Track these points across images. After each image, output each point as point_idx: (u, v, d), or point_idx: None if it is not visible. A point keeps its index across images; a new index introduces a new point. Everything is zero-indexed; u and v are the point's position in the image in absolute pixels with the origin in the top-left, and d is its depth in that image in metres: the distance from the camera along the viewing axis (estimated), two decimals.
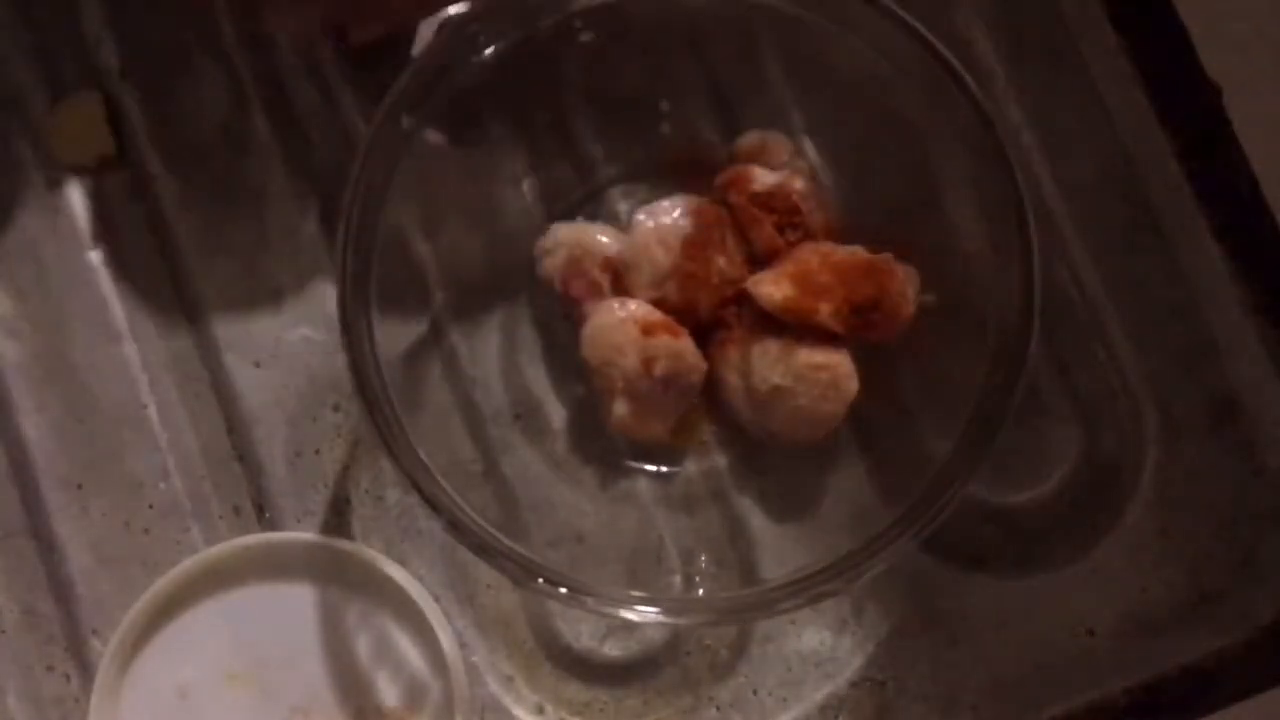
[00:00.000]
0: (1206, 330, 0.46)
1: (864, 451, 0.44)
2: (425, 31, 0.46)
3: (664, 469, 0.44)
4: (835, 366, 0.41)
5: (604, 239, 0.43)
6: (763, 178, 0.43)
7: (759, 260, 0.43)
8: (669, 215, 0.42)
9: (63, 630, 0.45)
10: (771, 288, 0.41)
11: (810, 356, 0.41)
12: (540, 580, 0.38)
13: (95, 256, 0.46)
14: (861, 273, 0.41)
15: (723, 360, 0.42)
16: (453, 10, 0.47)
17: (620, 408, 0.42)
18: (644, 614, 0.39)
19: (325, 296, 0.46)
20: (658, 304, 0.42)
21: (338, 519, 0.45)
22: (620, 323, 0.42)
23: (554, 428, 0.45)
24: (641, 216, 0.43)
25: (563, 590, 0.38)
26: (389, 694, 0.44)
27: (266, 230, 0.46)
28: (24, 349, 0.46)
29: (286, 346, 0.46)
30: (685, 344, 0.42)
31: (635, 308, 0.42)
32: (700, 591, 0.44)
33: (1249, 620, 0.45)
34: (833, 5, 0.40)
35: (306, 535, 0.45)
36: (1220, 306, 0.46)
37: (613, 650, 0.45)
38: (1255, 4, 0.45)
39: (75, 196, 0.46)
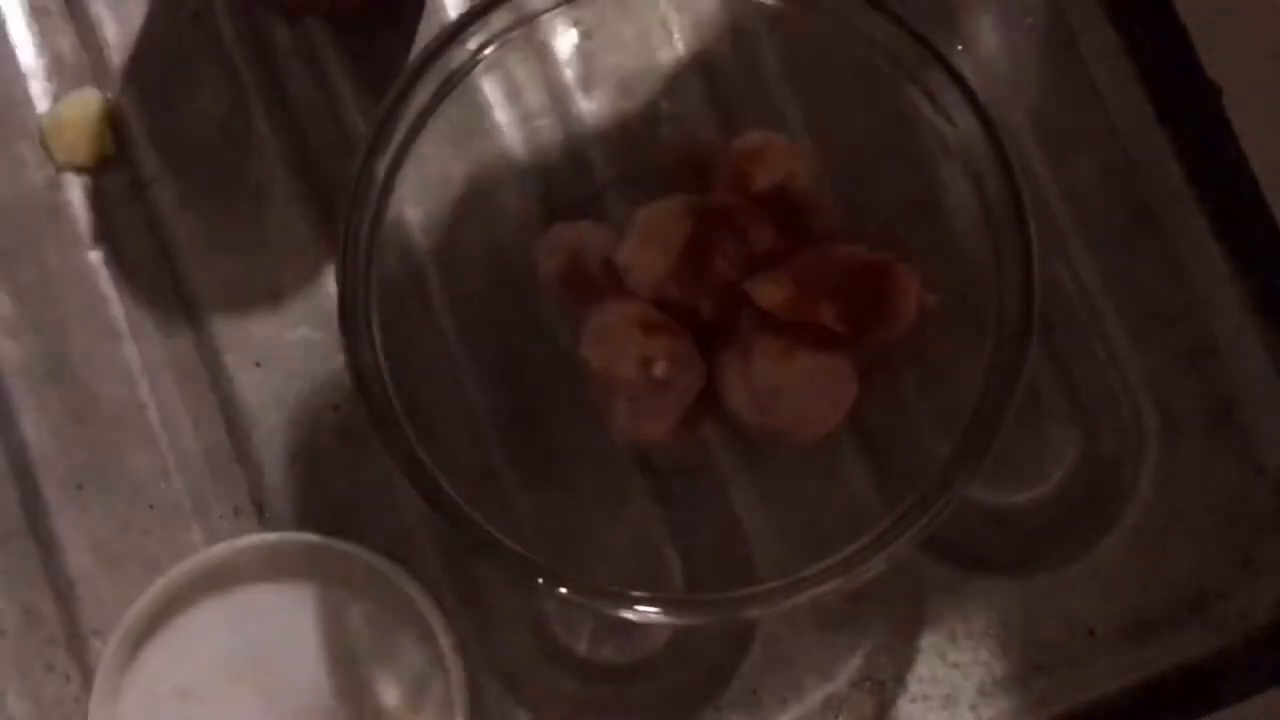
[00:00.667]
0: (1206, 330, 0.45)
1: (864, 451, 0.44)
2: (425, 32, 0.46)
3: (664, 469, 0.44)
4: (835, 366, 0.41)
5: (604, 239, 0.43)
6: (763, 178, 0.42)
7: (759, 260, 0.43)
8: (669, 215, 0.42)
9: (63, 630, 0.45)
10: (771, 288, 0.41)
11: (810, 357, 0.41)
12: (540, 580, 0.38)
13: (95, 256, 0.46)
14: (861, 273, 0.41)
15: (723, 360, 0.42)
16: (453, 10, 0.47)
17: (620, 408, 0.42)
18: (644, 614, 0.38)
19: (325, 296, 0.46)
20: (658, 304, 0.42)
21: (338, 519, 0.45)
22: (620, 323, 0.42)
23: (554, 428, 0.44)
24: (642, 217, 0.43)
25: (563, 590, 0.38)
26: (389, 694, 0.44)
27: (266, 230, 0.46)
28: (24, 349, 0.46)
29: (286, 346, 0.46)
30: (685, 344, 0.42)
31: (635, 308, 0.42)
32: (700, 591, 0.44)
33: (1249, 620, 0.45)
34: (833, 5, 0.40)
35: (306, 535, 0.44)
36: (1220, 306, 0.45)
37: (613, 650, 0.45)
38: (1255, 4, 0.45)
39: (75, 196, 0.46)
